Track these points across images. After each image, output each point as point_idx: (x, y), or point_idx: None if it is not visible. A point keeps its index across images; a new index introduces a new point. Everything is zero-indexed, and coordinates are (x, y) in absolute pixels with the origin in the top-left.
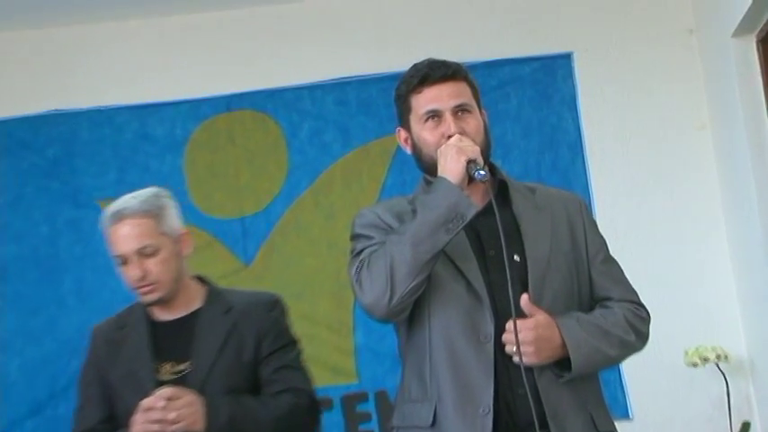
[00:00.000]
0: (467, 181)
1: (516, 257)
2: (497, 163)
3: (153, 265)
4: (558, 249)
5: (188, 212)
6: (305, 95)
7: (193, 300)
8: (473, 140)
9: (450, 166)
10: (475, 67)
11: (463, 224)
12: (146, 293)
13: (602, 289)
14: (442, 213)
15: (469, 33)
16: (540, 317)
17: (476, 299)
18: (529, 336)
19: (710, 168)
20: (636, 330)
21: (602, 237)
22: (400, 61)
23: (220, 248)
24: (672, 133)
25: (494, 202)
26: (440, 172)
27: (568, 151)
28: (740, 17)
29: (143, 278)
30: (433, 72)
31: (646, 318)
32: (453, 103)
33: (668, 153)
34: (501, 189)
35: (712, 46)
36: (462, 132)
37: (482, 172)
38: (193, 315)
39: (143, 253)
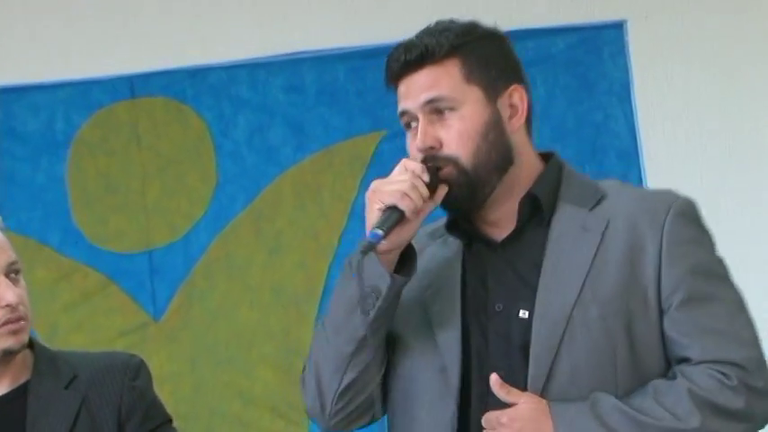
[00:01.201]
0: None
1: (523, 313)
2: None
3: (23, 291)
4: (595, 295)
5: (72, 243)
6: (241, 77)
7: (20, 368)
8: (452, 153)
9: (368, 219)
10: None
11: (377, 303)
12: (18, 331)
13: (677, 347)
14: (356, 288)
15: None
16: (524, 406)
17: (445, 384)
18: None
19: None
20: (713, 408)
21: (696, 260)
22: (377, 30)
23: (118, 295)
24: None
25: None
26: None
27: (618, 161)
28: None
29: (17, 306)
30: (399, 57)
31: (738, 387)
32: (423, 98)
33: (761, 168)
34: (535, 204)
35: None
36: (434, 145)
37: (378, 231)
38: (20, 392)
39: (14, 270)
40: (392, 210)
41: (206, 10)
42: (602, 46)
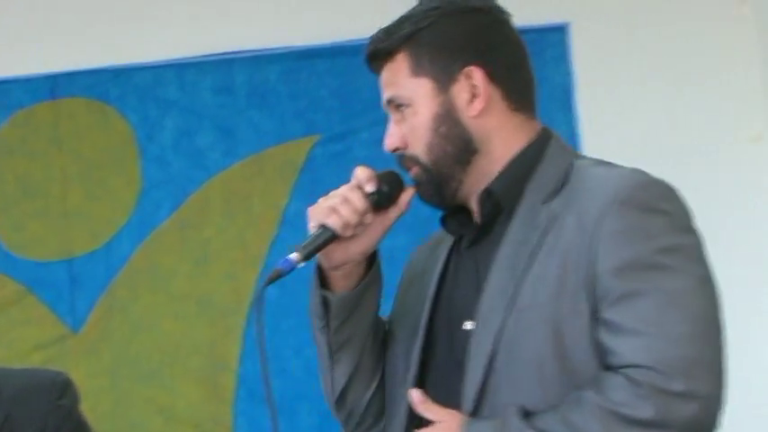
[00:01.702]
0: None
1: (468, 324)
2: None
3: None
4: (528, 303)
5: None
6: (168, 78)
7: None
8: (413, 152)
9: None
10: None
11: (324, 321)
12: None
13: (604, 354)
14: (310, 307)
15: None
16: (440, 425)
17: (403, 396)
18: None
19: None
20: (621, 420)
21: (629, 254)
22: (310, 30)
23: (35, 305)
24: (713, 146)
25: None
26: None
27: None
28: None
29: None
30: (368, 52)
31: (647, 394)
32: (384, 98)
33: (707, 175)
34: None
35: None
36: (399, 146)
37: (292, 257)
38: None
39: None
40: (324, 228)
41: (133, 6)
42: (544, 49)
